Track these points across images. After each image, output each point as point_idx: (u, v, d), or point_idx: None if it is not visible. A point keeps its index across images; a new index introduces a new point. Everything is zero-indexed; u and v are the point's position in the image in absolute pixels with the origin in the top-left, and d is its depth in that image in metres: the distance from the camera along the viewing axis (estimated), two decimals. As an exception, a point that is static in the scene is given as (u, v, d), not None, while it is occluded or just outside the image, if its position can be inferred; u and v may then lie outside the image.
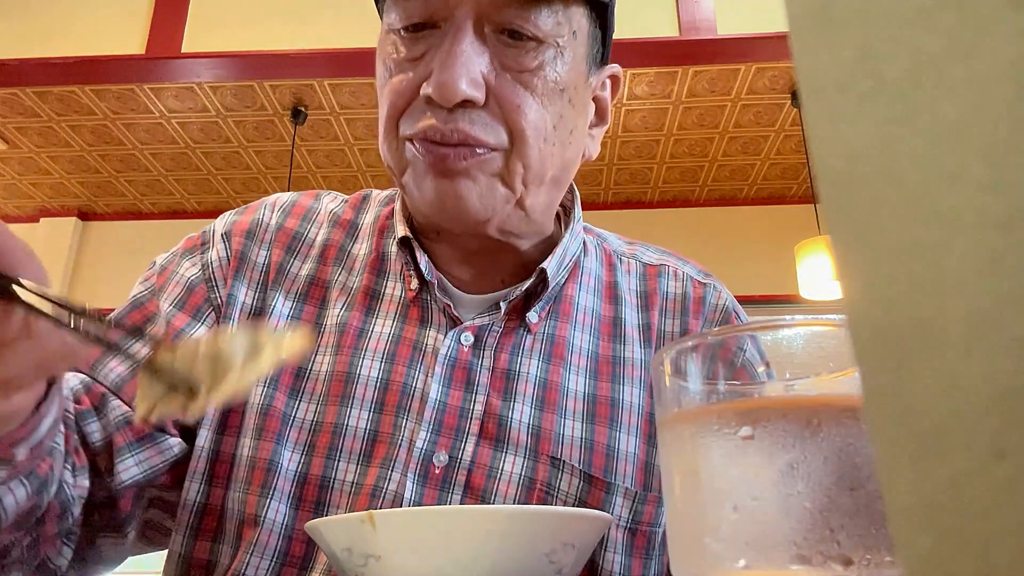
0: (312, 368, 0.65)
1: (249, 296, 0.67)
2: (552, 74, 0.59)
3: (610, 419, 0.64)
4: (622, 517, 0.62)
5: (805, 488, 0.25)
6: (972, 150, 0.12)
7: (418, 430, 0.61)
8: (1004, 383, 0.11)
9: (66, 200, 4.47)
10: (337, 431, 0.62)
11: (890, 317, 0.13)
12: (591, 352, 0.67)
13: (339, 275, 0.69)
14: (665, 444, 0.30)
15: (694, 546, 0.28)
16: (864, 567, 0.24)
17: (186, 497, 0.62)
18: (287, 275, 0.68)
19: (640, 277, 0.73)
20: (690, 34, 2.79)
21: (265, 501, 0.60)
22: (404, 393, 0.62)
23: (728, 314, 0.71)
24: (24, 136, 3.86)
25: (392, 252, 0.69)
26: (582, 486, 0.61)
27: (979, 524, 0.12)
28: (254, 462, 0.61)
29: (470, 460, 0.61)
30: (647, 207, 4.48)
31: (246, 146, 3.96)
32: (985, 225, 0.12)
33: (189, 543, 0.62)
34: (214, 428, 0.64)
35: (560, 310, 0.68)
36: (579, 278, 0.70)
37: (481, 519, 0.41)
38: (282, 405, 0.63)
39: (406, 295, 0.66)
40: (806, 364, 0.29)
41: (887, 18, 0.13)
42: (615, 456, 0.63)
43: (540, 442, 0.62)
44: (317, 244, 0.70)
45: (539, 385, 0.64)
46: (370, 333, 0.65)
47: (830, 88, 0.15)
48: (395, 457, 0.60)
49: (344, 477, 0.60)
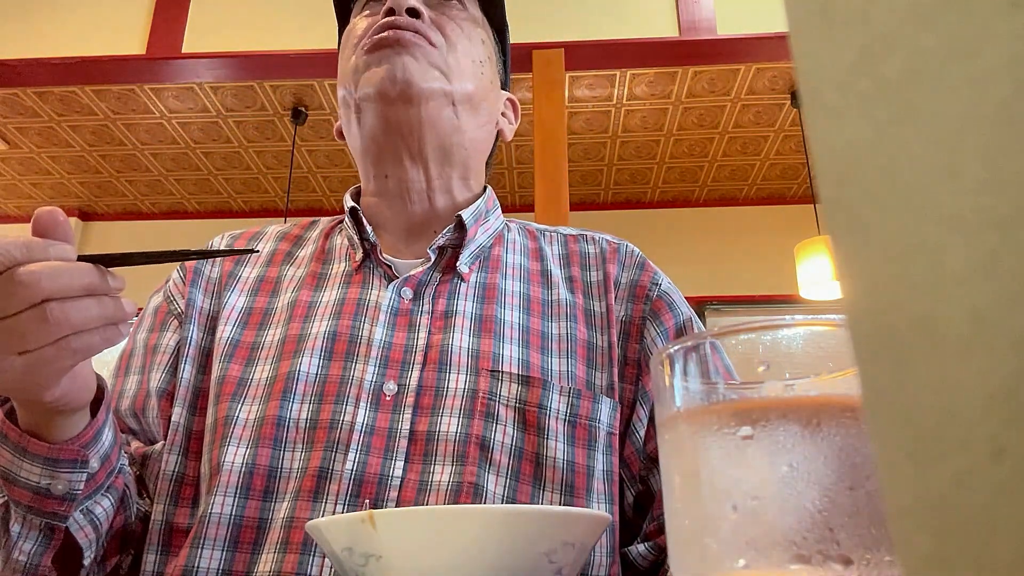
0: (264, 340, 0.71)
1: (205, 301, 0.75)
2: (474, 31, 0.76)
3: (541, 347, 0.71)
4: (560, 410, 0.67)
5: (805, 488, 0.25)
6: (972, 150, 0.12)
7: (367, 368, 0.67)
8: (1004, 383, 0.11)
9: (66, 200, 4.47)
10: (290, 377, 0.67)
11: (890, 317, 0.13)
12: (522, 294, 0.75)
13: (287, 271, 0.77)
14: (665, 444, 0.30)
15: (694, 546, 0.28)
16: (864, 567, 0.24)
17: (164, 469, 0.68)
18: (238, 279, 0.77)
19: (562, 244, 0.81)
20: (690, 34, 2.79)
21: (224, 449, 0.65)
22: (352, 341, 0.69)
23: (643, 262, 0.79)
24: (24, 136, 3.86)
25: (337, 245, 0.78)
26: (520, 389, 0.67)
27: (979, 524, 0.12)
28: (215, 422, 0.67)
29: (417, 384, 0.66)
30: (647, 207, 4.48)
31: (246, 146, 3.96)
32: (985, 225, 0.12)
33: (170, 510, 0.66)
34: (187, 407, 0.70)
35: (490, 265, 0.76)
36: (504, 244, 0.79)
37: (481, 519, 0.41)
38: (238, 372, 0.70)
39: (350, 267, 0.75)
40: (806, 364, 0.29)
41: (887, 18, 0.13)
42: (549, 368, 0.69)
43: (480, 360, 0.68)
44: (264, 254, 0.79)
45: (475, 319, 0.71)
46: (318, 303, 0.72)
47: (830, 88, 0.15)
48: (347, 394, 0.66)
49: (299, 416, 0.65)
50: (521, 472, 0.64)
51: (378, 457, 0.63)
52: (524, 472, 0.64)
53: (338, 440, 0.64)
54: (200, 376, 0.72)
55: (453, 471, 0.63)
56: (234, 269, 0.77)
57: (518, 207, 4.37)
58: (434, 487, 0.62)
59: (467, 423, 0.64)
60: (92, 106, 3.63)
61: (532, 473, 0.64)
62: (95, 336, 0.47)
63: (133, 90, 3.52)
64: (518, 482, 0.64)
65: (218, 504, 0.63)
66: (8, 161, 4.08)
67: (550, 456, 0.65)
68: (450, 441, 0.64)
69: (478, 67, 0.75)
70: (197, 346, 0.73)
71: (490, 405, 0.66)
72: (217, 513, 0.63)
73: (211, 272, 0.77)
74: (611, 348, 0.72)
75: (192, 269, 0.77)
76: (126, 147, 3.97)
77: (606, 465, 0.67)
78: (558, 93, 2.73)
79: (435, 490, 0.62)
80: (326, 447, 0.63)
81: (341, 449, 0.63)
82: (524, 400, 0.67)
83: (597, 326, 0.73)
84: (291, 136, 3.81)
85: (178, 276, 0.78)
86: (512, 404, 0.66)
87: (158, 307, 0.77)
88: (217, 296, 0.76)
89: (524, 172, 4.13)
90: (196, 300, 0.75)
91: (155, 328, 0.75)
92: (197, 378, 0.72)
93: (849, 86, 0.14)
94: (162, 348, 0.73)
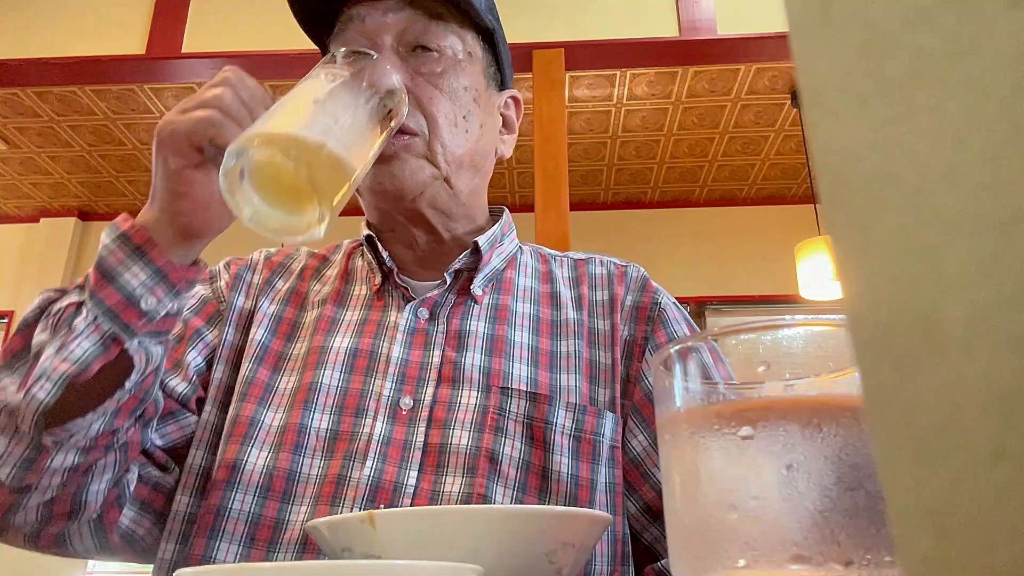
0: (291, 352, 0.76)
1: (244, 302, 0.81)
2: (455, 76, 0.76)
3: (550, 365, 0.75)
4: (566, 426, 0.70)
5: (805, 488, 0.25)
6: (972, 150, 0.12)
7: (384, 384, 0.71)
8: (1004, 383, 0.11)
9: (66, 200, 4.47)
10: (312, 388, 0.71)
11: (890, 317, 0.13)
12: (532, 315, 0.79)
13: (314, 286, 0.82)
14: (665, 444, 0.30)
15: (694, 546, 0.28)
16: (864, 567, 0.24)
17: (191, 463, 0.71)
18: (272, 287, 0.82)
19: (571, 267, 0.85)
20: (690, 34, 2.79)
21: (246, 450, 0.69)
22: (371, 358, 0.73)
23: (645, 282, 0.82)
24: (24, 136, 3.86)
25: (358, 266, 0.83)
26: (528, 405, 0.71)
27: (979, 524, 0.12)
28: (235, 419, 0.71)
29: (431, 400, 0.70)
30: (647, 207, 4.48)
31: (246, 146, 3.96)
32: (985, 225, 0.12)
33: (195, 502, 0.70)
34: (218, 405, 0.74)
35: (502, 288, 0.80)
36: (517, 267, 0.83)
37: (481, 519, 0.41)
38: (265, 377, 0.74)
39: (371, 291, 0.79)
40: (806, 364, 0.29)
41: (887, 18, 0.13)
42: (556, 385, 0.73)
43: (491, 377, 0.72)
44: (296, 269, 0.85)
45: (487, 338, 0.75)
46: (341, 320, 0.77)
47: (830, 88, 0.15)
48: (366, 407, 0.70)
49: (319, 426, 0.69)
50: (528, 484, 0.67)
51: (393, 466, 0.67)
52: (531, 484, 0.67)
53: (356, 450, 0.67)
54: (232, 375, 0.76)
55: (464, 482, 0.66)
56: (271, 278, 0.83)
57: (518, 207, 4.36)
58: (445, 496, 0.66)
59: (477, 437, 0.68)
60: (92, 106, 3.63)
61: (538, 486, 0.68)
62: (233, 128, 0.57)
63: (133, 90, 3.52)
64: (525, 494, 0.67)
65: (237, 500, 0.66)
66: (8, 161, 4.08)
67: (556, 470, 0.68)
68: (461, 453, 0.67)
69: (463, 125, 0.77)
70: (232, 347, 0.78)
71: (500, 420, 0.69)
72: (237, 509, 0.66)
73: (251, 278, 0.83)
74: (614, 365, 0.75)
75: (234, 275, 0.83)
76: (126, 147, 3.97)
77: (609, 478, 0.70)
78: (558, 93, 2.73)
79: (446, 499, 0.66)
80: (345, 456, 0.67)
81: (359, 458, 0.67)
82: (532, 416, 0.70)
83: (601, 344, 0.77)
84: (291, 136, 3.81)
85: (225, 273, 0.83)
86: (520, 419, 0.70)
87: (207, 299, 0.81)
88: (254, 299, 0.81)
89: (524, 172, 4.13)
90: (236, 302, 0.80)
91: (201, 315, 0.79)
92: (231, 376, 0.76)
93: (849, 86, 0.14)
94: (202, 337, 0.78)
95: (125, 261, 0.59)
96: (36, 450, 0.58)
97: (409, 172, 0.73)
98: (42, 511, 0.63)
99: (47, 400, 0.56)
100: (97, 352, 0.57)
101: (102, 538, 0.68)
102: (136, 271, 0.59)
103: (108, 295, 0.58)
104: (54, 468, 0.60)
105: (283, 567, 0.35)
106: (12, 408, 0.57)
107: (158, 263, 0.59)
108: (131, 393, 0.60)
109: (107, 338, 0.58)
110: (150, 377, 0.62)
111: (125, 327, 0.58)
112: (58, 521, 0.64)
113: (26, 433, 0.57)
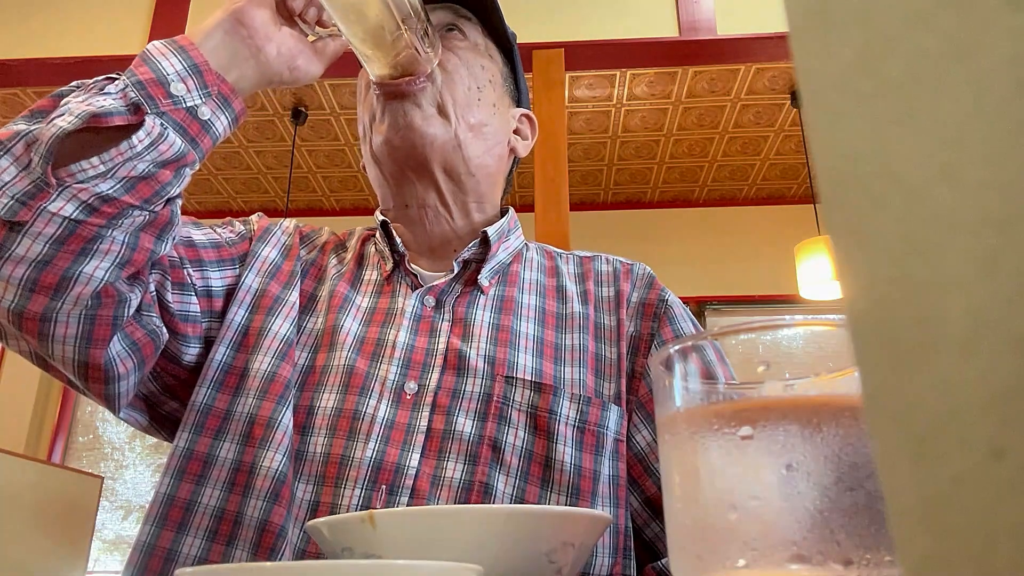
0: (308, 326, 0.78)
1: (271, 253, 0.82)
2: (476, 56, 0.82)
3: (554, 357, 0.75)
4: (570, 416, 0.71)
5: (805, 488, 0.25)
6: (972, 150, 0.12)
7: (390, 368, 0.72)
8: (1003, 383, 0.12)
9: (66, 200, 4.47)
10: (324, 370, 0.73)
11: (890, 317, 0.13)
12: (538, 307, 0.80)
13: (333, 262, 0.84)
14: (665, 444, 0.30)
15: (694, 545, 0.28)
16: (864, 567, 0.24)
17: (194, 399, 0.72)
18: (299, 256, 0.84)
19: (577, 264, 0.86)
20: (690, 34, 2.79)
21: (281, 408, 0.70)
22: (378, 343, 0.74)
23: (652, 280, 0.83)
24: (24, 136, 3.85)
25: (370, 252, 0.85)
26: (532, 394, 0.71)
27: (978, 524, 0.12)
28: (271, 376, 0.72)
29: (436, 386, 0.71)
30: (647, 207, 4.48)
31: (246, 146, 3.96)
32: (985, 225, 0.12)
33: (193, 437, 0.70)
34: (231, 346, 0.74)
35: (508, 280, 0.81)
36: (523, 262, 0.85)
37: (481, 519, 0.41)
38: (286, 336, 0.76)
39: (381, 277, 0.81)
40: (806, 364, 0.29)
41: (887, 18, 0.13)
42: (560, 376, 0.74)
43: (495, 366, 0.73)
44: (319, 243, 0.87)
45: (493, 328, 0.76)
46: (353, 301, 0.79)
47: (830, 88, 0.15)
48: (371, 388, 0.71)
49: (326, 404, 0.71)
50: (530, 474, 0.68)
51: (396, 448, 0.67)
52: (533, 474, 0.68)
53: (359, 430, 0.68)
54: (251, 318, 0.76)
55: (466, 469, 0.67)
56: (301, 243, 0.86)
57: (518, 207, 4.36)
58: (446, 482, 0.66)
59: (481, 425, 0.69)
60: (92, 106, 3.63)
61: (540, 475, 0.68)
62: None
63: (133, 90, 3.51)
64: (527, 483, 0.67)
65: (268, 459, 0.67)
66: (8, 161, 4.08)
67: (558, 460, 0.68)
68: (464, 440, 0.68)
69: (475, 93, 0.80)
70: (250, 290, 0.78)
71: (503, 409, 0.70)
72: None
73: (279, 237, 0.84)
74: (620, 359, 0.76)
75: (264, 228, 0.85)
76: (126, 147, 3.97)
77: (612, 470, 0.70)
78: (558, 93, 2.73)
79: (447, 485, 0.66)
80: (348, 436, 0.68)
81: (362, 438, 0.68)
82: (536, 405, 0.71)
83: (607, 338, 0.77)
84: (291, 136, 3.81)
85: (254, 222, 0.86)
86: (524, 409, 0.70)
87: (244, 235, 0.83)
88: (281, 256, 0.82)
89: (524, 172, 4.13)
90: (261, 252, 0.81)
91: (236, 247, 0.81)
92: (248, 318, 0.76)
93: (849, 86, 0.14)
94: (228, 241, 0.81)
95: (166, 52, 0.63)
96: (38, 187, 0.58)
97: (422, 117, 0.76)
98: (30, 273, 0.59)
99: (67, 128, 0.57)
100: (120, 110, 0.60)
101: (84, 347, 0.64)
102: (173, 61, 0.63)
103: (142, 72, 0.62)
104: (51, 211, 0.58)
105: (283, 567, 0.35)
106: (32, 137, 0.58)
107: (196, 60, 0.64)
108: (141, 157, 0.60)
109: (132, 104, 0.60)
110: (169, 170, 0.62)
111: (150, 98, 0.61)
112: (43, 293, 0.60)
113: (37, 165, 0.57)
